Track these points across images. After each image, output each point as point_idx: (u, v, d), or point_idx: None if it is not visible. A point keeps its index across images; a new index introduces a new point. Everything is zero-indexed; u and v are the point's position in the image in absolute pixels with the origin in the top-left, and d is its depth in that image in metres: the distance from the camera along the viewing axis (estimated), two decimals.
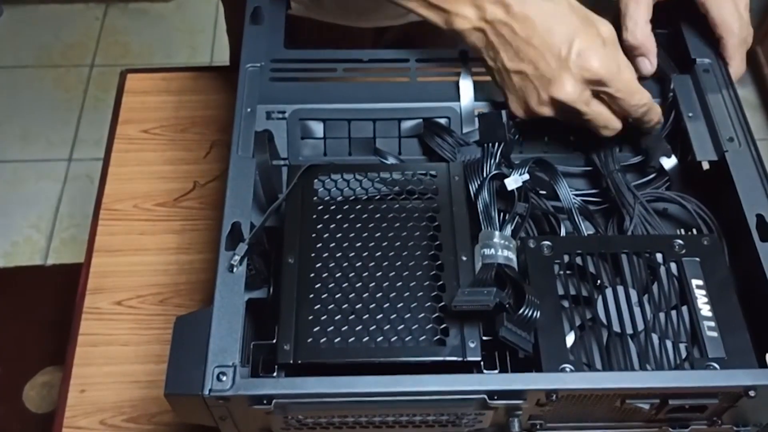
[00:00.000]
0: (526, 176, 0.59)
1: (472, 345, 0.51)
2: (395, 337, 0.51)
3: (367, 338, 0.51)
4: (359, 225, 0.56)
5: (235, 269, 0.52)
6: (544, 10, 0.58)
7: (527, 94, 0.59)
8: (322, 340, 0.51)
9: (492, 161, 0.60)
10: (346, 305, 0.52)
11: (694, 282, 0.53)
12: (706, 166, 0.62)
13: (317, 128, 0.64)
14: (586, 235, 0.59)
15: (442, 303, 0.52)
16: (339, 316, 0.52)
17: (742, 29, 0.64)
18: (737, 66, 0.65)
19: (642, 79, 0.63)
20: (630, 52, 0.62)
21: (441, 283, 0.53)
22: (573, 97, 0.57)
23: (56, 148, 1.94)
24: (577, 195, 0.62)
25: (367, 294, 0.53)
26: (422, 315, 0.52)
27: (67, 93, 2.05)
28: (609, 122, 0.60)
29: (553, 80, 0.57)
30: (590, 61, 0.56)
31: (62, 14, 2.21)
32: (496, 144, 0.61)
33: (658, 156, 0.62)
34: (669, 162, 0.62)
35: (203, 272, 0.81)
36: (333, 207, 0.57)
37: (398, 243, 0.55)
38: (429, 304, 0.53)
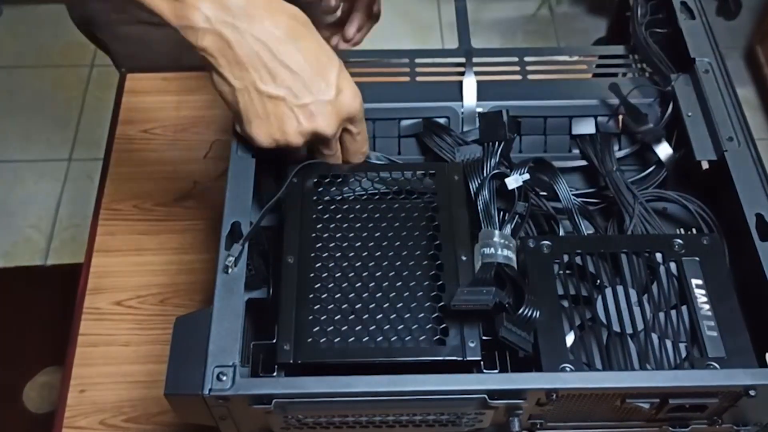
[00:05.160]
0: (527, 176, 0.59)
1: (471, 345, 0.50)
2: (395, 337, 0.51)
3: (366, 338, 0.51)
4: (359, 225, 0.56)
5: (229, 270, 0.52)
6: (290, 27, 0.52)
7: (284, 121, 0.54)
8: (321, 340, 0.51)
9: (492, 160, 0.60)
10: (345, 305, 0.52)
11: (694, 282, 0.53)
12: (705, 165, 0.62)
13: None
14: (585, 234, 0.59)
15: (442, 303, 0.52)
16: (339, 316, 0.52)
17: None
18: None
19: None
20: None
21: (441, 282, 0.53)
22: (332, 133, 0.55)
23: (56, 148, 1.94)
24: (576, 195, 0.62)
25: (366, 294, 0.53)
26: (422, 315, 0.52)
27: (67, 93, 2.04)
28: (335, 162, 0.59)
29: (315, 114, 0.54)
30: (348, 99, 0.55)
31: (62, 14, 2.18)
32: (497, 143, 0.61)
33: (653, 141, 0.62)
34: (664, 150, 0.62)
35: (203, 272, 0.81)
36: (333, 207, 0.57)
37: (398, 243, 0.55)
38: (429, 303, 0.53)
